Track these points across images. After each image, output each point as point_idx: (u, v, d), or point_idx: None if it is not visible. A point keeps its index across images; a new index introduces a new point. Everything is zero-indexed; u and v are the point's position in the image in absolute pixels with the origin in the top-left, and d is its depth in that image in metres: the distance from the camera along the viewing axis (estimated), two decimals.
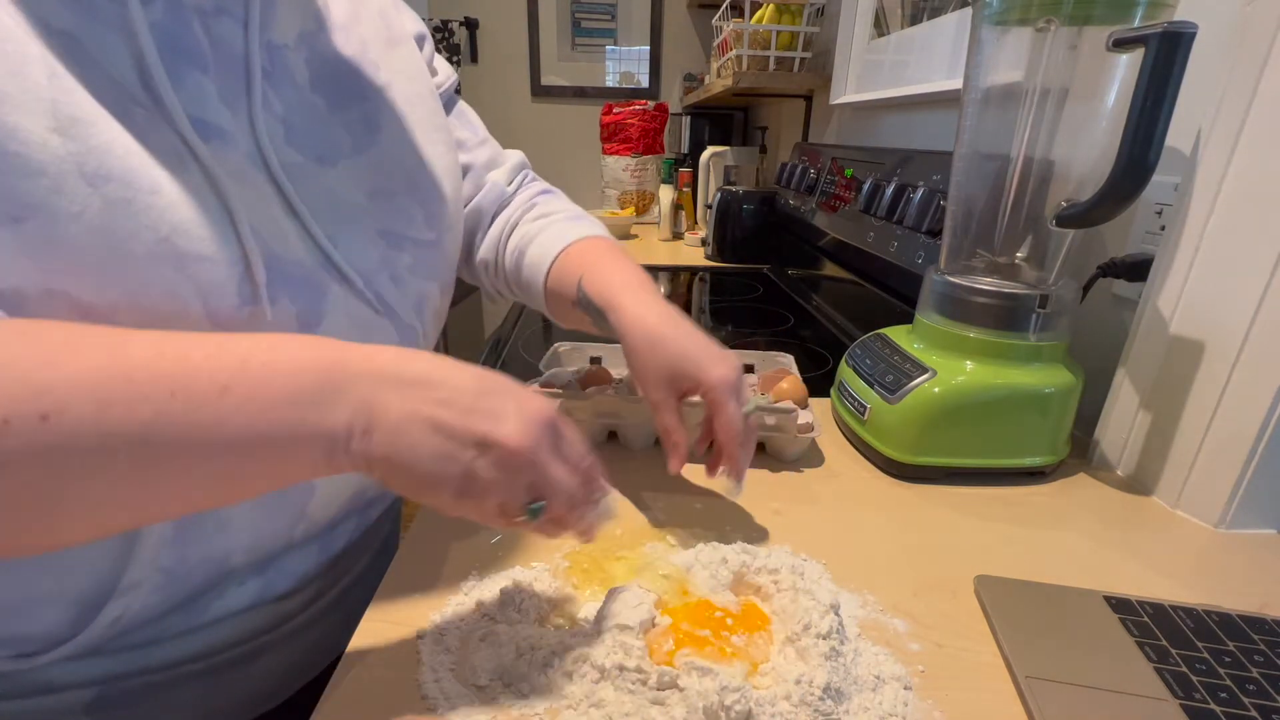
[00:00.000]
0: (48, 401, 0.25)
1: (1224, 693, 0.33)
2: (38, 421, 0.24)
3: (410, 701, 0.33)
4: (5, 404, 0.24)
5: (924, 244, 0.83)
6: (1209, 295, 0.49)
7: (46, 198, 0.29)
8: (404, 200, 0.47)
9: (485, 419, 0.31)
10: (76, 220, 0.29)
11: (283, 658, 0.47)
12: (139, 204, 0.31)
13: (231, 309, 0.34)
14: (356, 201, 0.44)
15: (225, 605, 0.42)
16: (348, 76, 0.45)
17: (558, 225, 0.58)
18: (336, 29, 0.46)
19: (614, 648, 0.34)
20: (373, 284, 0.43)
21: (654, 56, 2.46)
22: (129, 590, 0.36)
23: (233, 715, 0.46)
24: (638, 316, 0.46)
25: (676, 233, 1.91)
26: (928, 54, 1.00)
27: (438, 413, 0.30)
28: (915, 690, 0.34)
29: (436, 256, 0.49)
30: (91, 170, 0.30)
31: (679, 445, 0.45)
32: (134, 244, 0.31)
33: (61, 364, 0.26)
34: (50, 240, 0.29)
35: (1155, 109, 0.43)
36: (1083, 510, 0.52)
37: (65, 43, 0.31)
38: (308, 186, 0.40)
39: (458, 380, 0.32)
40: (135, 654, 0.40)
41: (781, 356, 0.71)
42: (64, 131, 0.29)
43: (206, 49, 0.36)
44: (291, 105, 0.41)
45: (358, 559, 0.53)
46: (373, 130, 0.46)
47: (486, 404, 0.31)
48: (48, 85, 0.29)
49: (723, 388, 0.43)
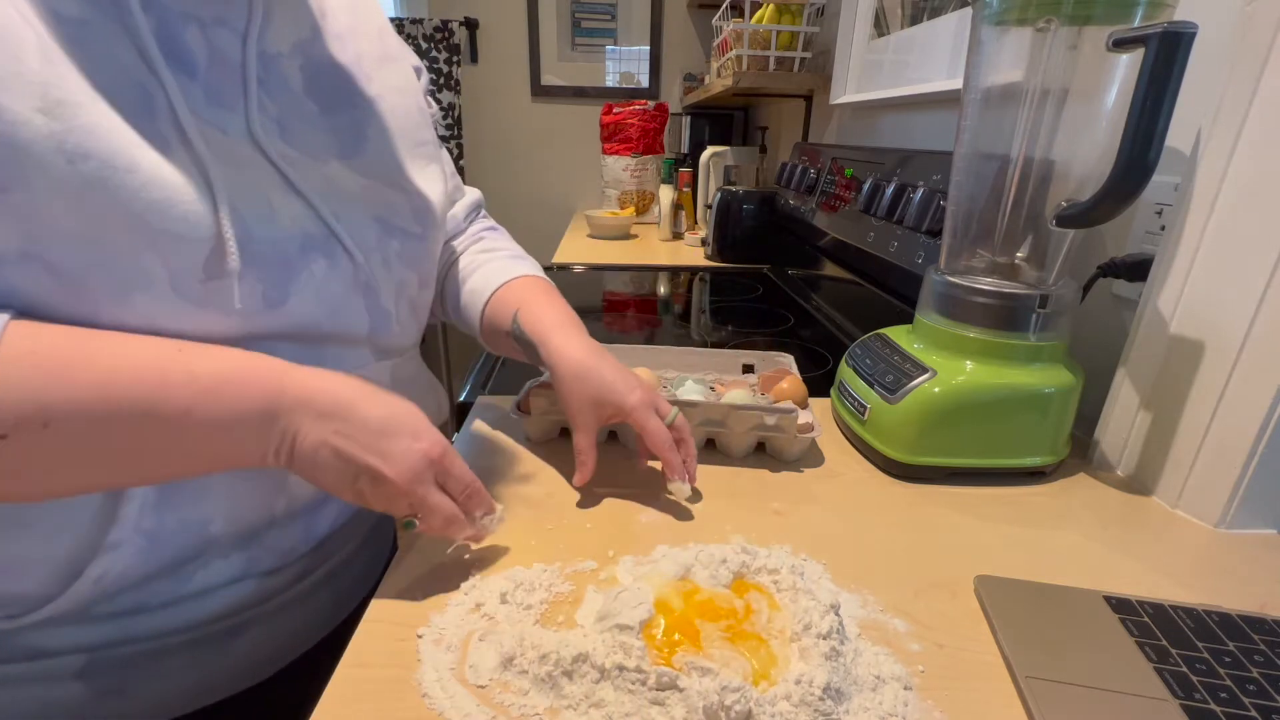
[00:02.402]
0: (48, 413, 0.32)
1: (1224, 693, 0.33)
2: (39, 428, 0.32)
3: (410, 701, 0.33)
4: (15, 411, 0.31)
5: (924, 244, 0.83)
6: (1209, 295, 0.49)
7: (28, 172, 0.32)
8: (393, 196, 0.50)
9: (377, 456, 0.38)
10: (56, 193, 0.32)
11: (268, 634, 0.49)
12: (114, 182, 0.34)
13: (195, 281, 0.37)
14: (352, 191, 0.47)
15: (209, 577, 0.44)
16: (340, 83, 0.48)
17: (500, 261, 0.63)
18: (332, 38, 0.48)
19: (614, 648, 0.34)
20: (369, 261, 0.47)
21: (654, 56, 2.45)
22: (111, 549, 0.39)
23: (219, 689, 0.47)
24: (566, 351, 0.52)
25: (676, 233, 1.91)
26: (928, 54, 1.00)
27: (341, 444, 0.38)
28: (915, 690, 0.34)
29: (421, 249, 0.53)
30: (71, 149, 0.32)
31: (586, 464, 0.51)
32: (109, 217, 0.34)
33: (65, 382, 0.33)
34: (30, 210, 0.32)
35: (1155, 109, 0.43)
36: (1083, 510, 0.52)
37: (73, 30, 0.34)
38: (307, 174, 0.44)
39: (366, 416, 0.39)
40: (122, 621, 0.42)
41: (781, 356, 0.71)
42: (49, 112, 0.32)
43: (203, 55, 0.39)
44: (285, 108, 0.44)
45: (345, 543, 0.55)
46: (360, 139, 0.49)
47: (382, 443, 0.38)
48: (39, 69, 0.32)
49: (641, 409, 0.49)
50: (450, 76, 2.33)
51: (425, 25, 2.28)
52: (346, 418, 0.38)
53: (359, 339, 0.47)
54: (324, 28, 0.48)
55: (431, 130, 0.56)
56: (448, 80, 2.33)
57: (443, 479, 0.41)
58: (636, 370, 0.66)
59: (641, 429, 0.49)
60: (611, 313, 1.21)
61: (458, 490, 0.41)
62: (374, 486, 0.39)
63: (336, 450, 0.38)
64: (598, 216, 1.93)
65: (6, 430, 0.31)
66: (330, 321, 0.44)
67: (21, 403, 0.31)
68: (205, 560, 0.43)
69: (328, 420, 0.38)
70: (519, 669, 0.34)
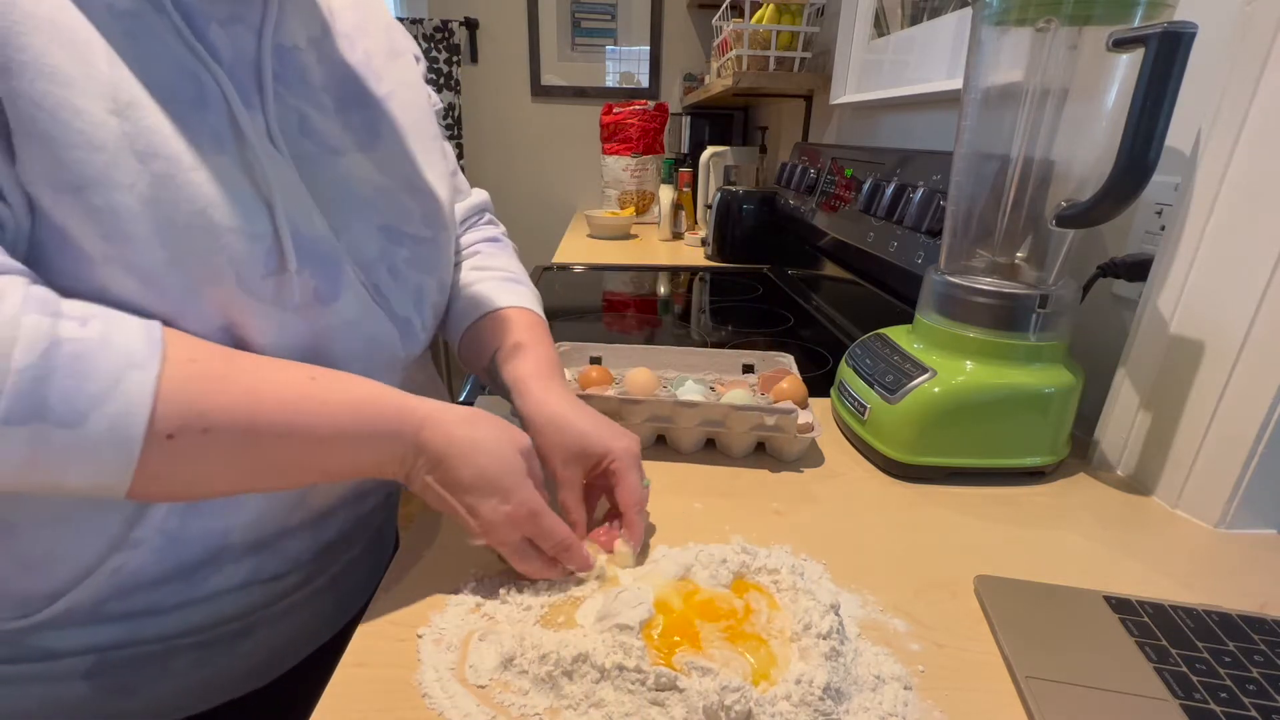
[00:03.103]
0: (207, 420, 0.33)
1: (1224, 693, 0.33)
2: (199, 434, 0.33)
3: (410, 701, 0.33)
4: (181, 416, 0.32)
5: (924, 244, 0.83)
6: (1209, 295, 0.49)
7: (105, 171, 0.33)
8: (403, 198, 0.49)
9: (467, 510, 0.40)
10: (129, 191, 0.34)
11: (274, 635, 0.49)
12: (180, 179, 0.35)
13: (258, 277, 0.38)
14: (363, 194, 0.47)
15: (221, 581, 0.44)
16: (351, 83, 0.48)
17: (490, 284, 0.59)
18: (341, 37, 0.48)
19: (614, 648, 0.34)
20: (371, 275, 0.46)
21: (654, 56, 2.45)
22: (133, 546, 0.39)
23: (225, 690, 0.48)
24: (541, 402, 0.48)
25: (676, 233, 1.91)
26: (928, 54, 1.00)
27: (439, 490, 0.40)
28: (915, 690, 0.34)
29: (434, 252, 0.52)
30: (142, 148, 0.34)
31: (577, 524, 0.45)
32: (175, 214, 0.35)
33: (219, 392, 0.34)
34: (107, 207, 0.33)
35: (1155, 109, 0.43)
36: (1083, 510, 0.52)
37: (127, 23, 0.35)
38: (321, 174, 0.44)
39: (458, 473, 0.39)
40: (132, 623, 0.42)
41: (781, 356, 0.71)
42: (121, 114, 0.33)
43: (229, 53, 0.40)
44: (304, 100, 0.44)
45: (350, 548, 0.55)
46: (374, 136, 0.48)
47: (469, 499, 0.39)
48: (108, 71, 0.33)
49: (626, 457, 0.46)
50: (450, 76, 2.33)
51: (425, 25, 2.28)
52: (446, 467, 0.39)
53: (393, 343, 0.48)
54: (333, 27, 0.48)
55: (437, 124, 0.56)
56: (448, 80, 2.33)
57: (533, 537, 0.40)
58: (637, 370, 0.66)
59: (619, 480, 0.45)
60: (611, 313, 1.21)
61: (549, 548, 0.41)
62: (493, 525, 0.40)
63: (438, 494, 0.40)
64: (598, 216, 1.93)
65: (174, 430, 0.32)
66: (364, 327, 0.45)
67: (187, 406, 0.33)
68: (219, 565, 0.44)
69: (434, 466, 0.39)
70: (519, 669, 0.34)
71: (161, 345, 0.33)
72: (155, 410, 0.31)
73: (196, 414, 0.33)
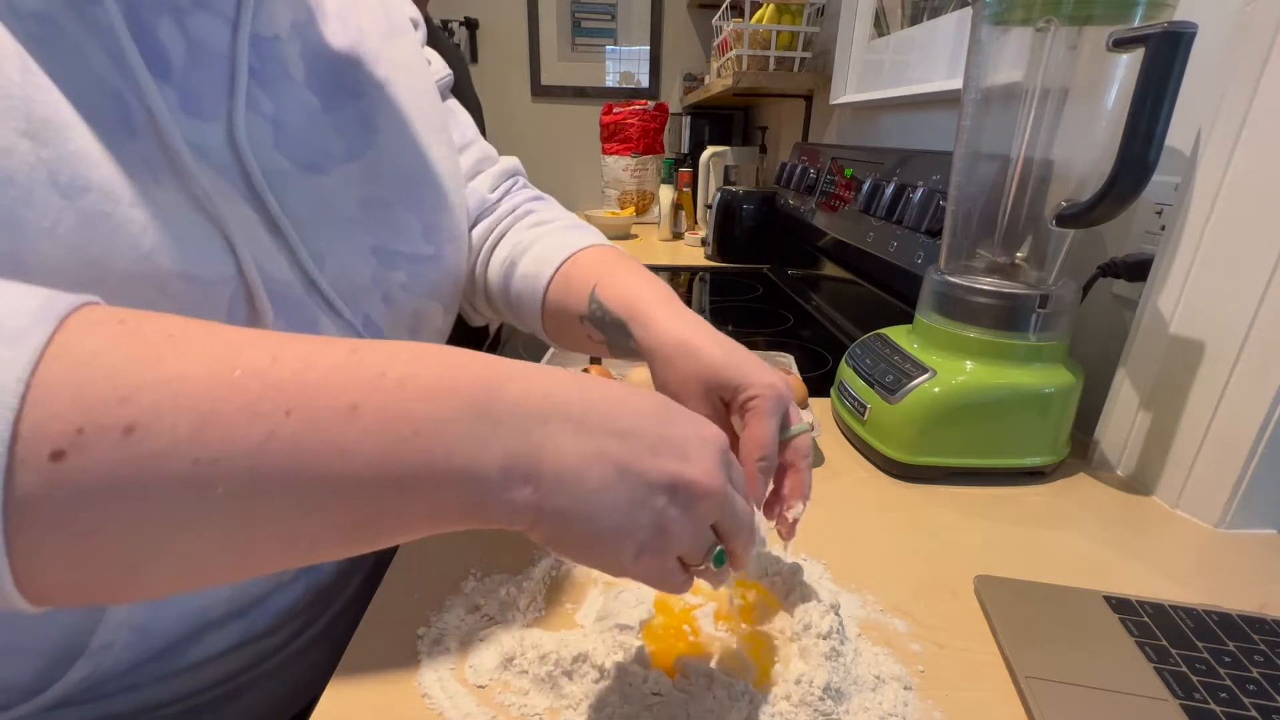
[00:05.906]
0: (133, 410, 0.18)
1: (1224, 693, 0.33)
2: (120, 436, 0.18)
3: (410, 701, 0.33)
4: (82, 409, 0.18)
5: (924, 244, 0.83)
6: (1209, 295, 0.49)
7: (13, 209, 0.26)
8: (399, 211, 0.44)
9: (674, 457, 0.25)
10: (48, 235, 0.26)
11: (266, 694, 0.45)
12: (120, 217, 0.28)
13: None
14: (349, 213, 0.40)
15: (203, 650, 0.40)
16: (342, 70, 0.42)
17: (558, 234, 0.51)
18: (330, 17, 0.42)
19: (614, 648, 0.34)
20: (360, 306, 0.40)
21: (654, 56, 2.45)
22: (98, 652, 0.34)
23: None
24: (668, 326, 0.40)
25: (676, 233, 1.91)
26: (928, 54, 1.00)
27: (621, 453, 0.24)
28: (915, 690, 0.34)
29: (436, 272, 0.45)
30: (66, 180, 0.27)
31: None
32: (112, 262, 0.28)
33: (157, 362, 0.19)
34: (16, 256, 0.26)
35: (1155, 109, 0.43)
36: (1083, 510, 0.52)
37: (38, 29, 0.27)
38: (294, 196, 0.37)
39: (637, 409, 0.26)
40: (110, 701, 0.38)
41: (781, 356, 0.71)
42: (35, 135, 0.26)
43: (180, 52, 0.33)
44: (285, 104, 0.38)
45: (345, 587, 0.50)
46: (369, 131, 0.42)
47: (673, 437, 0.26)
48: (20, 82, 0.26)
49: (769, 394, 0.35)
50: None
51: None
52: (614, 416, 0.25)
53: None
54: (321, 5, 0.42)
55: (440, 104, 0.49)
56: None
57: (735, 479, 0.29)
58: (637, 370, 0.66)
59: (752, 419, 0.35)
60: None
61: (739, 485, 0.29)
62: (684, 508, 0.26)
63: (620, 464, 0.24)
64: (598, 216, 1.93)
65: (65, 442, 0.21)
66: None
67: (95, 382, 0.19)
68: (200, 637, 0.39)
69: (586, 421, 0.24)
70: (519, 669, 0.34)
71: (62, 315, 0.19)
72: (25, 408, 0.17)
73: (117, 398, 0.18)
